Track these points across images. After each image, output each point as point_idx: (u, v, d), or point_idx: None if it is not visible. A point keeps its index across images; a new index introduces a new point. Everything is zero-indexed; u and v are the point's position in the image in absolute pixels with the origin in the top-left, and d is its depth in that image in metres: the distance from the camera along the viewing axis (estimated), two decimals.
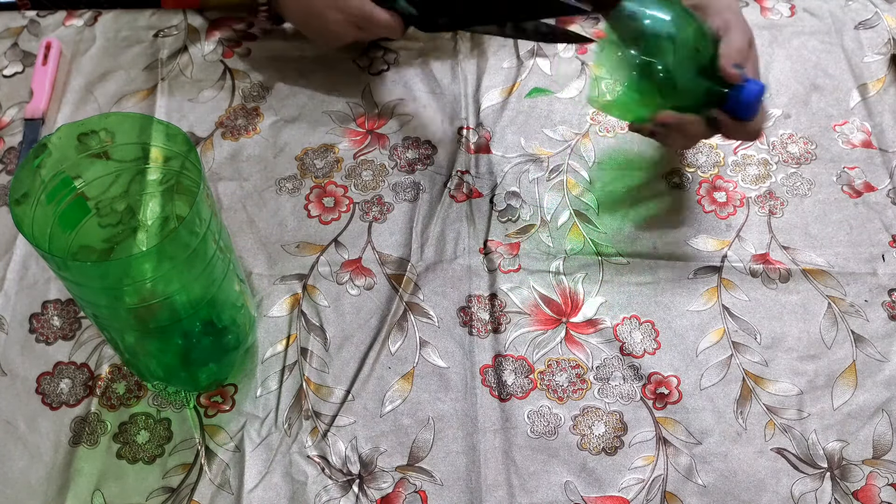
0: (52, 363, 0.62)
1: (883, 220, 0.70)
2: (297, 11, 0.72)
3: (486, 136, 0.75)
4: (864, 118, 0.76)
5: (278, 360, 0.62)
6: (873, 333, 0.64)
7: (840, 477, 0.58)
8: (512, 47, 0.81)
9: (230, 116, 0.76)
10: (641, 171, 0.73)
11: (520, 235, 0.69)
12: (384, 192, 0.71)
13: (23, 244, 0.67)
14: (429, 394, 0.61)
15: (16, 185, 0.47)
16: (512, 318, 0.64)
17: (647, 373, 0.62)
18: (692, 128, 0.62)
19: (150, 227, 0.57)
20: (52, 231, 0.49)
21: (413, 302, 0.65)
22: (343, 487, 0.57)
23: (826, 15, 0.84)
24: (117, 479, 0.57)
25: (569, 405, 0.61)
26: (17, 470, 0.58)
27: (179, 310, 0.52)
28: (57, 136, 0.49)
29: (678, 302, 0.65)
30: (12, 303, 0.65)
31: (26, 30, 0.82)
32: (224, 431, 0.59)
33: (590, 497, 0.57)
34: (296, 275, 0.66)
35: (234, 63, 0.80)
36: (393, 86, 0.78)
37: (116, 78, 0.78)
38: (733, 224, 0.70)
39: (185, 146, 0.50)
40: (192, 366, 0.59)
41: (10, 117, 0.76)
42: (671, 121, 0.62)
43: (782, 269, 0.67)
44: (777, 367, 0.62)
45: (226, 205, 0.70)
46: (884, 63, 0.80)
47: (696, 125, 0.62)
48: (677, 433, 0.59)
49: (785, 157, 0.74)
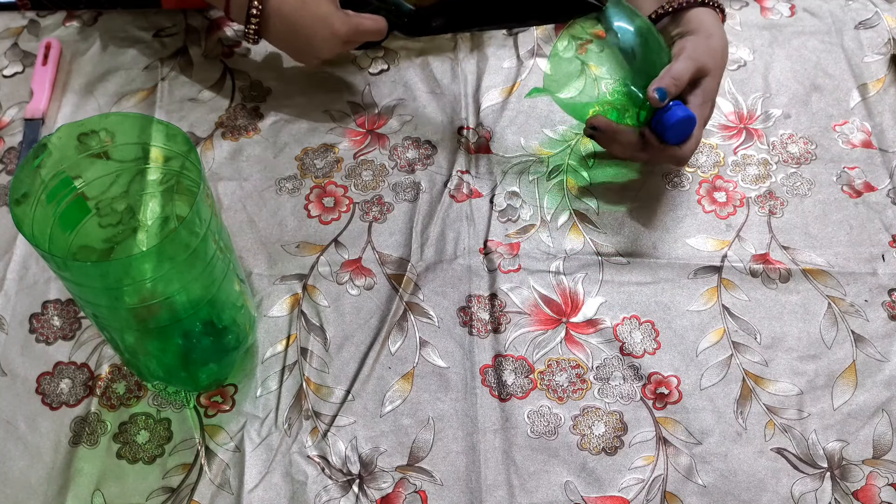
0: (52, 363, 0.62)
1: (883, 220, 0.70)
2: (281, 31, 0.71)
3: (486, 135, 0.75)
4: (864, 118, 0.76)
5: (278, 360, 0.62)
6: (873, 333, 0.64)
7: (840, 477, 0.58)
8: (512, 47, 0.81)
9: (230, 116, 0.76)
10: (641, 171, 0.73)
11: (520, 235, 0.69)
12: (384, 192, 0.71)
13: (23, 244, 0.67)
14: (429, 394, 0.61)
15: (16, 185, 0.47)
16: (512, 318, 0.64)
17: (647, 373, 0.62)
18: (622, 136, 0.65)
19: (150, 227, 0.57)
20: (52, 231, 0.49)
21: (413, 302, 0.65)
22: (343, 487, 0.57)
23: (826, 15, 0.84)
24: (117, 479, 0.57)
25: (569, 405, 0.61)
26: (17, 470, 0.58)
27: (179, 310, 0.52)
28: (57, 136, 0.49)
29: (678, 302, 0.65)
30: (12, 303, 0.65)
31: (26, 30, 0.82)
32: (224, 431, 0.59)
33: (590, 497, 0.57)
34: (296, 275, 0.66)
35: (234, 63, 0.80)
36: (393, 86, 0.78)
37: (116, 78, 0.78)
38: (733, 224, 0.70)
39: (185, 146, 0.50)
40: (192, 366, 0.59)
41: (10, 117, 0.76)
42: (601, 125, 0.65)
43: (782, 269, 0.67)
44: (777, 367, 0.62)
45: (226, 205, 0.70)
46: (884, 63, 0.80)
47: (627, 134, 0.65)
48: (677, 433, 0.59)
49: (785, 157, 0.74)
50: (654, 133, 0.64)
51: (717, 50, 0.66)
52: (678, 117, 0.62)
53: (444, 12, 0.71)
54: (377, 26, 0.72)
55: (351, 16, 0.71)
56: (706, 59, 0.64)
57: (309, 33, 0.70)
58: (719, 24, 0.68)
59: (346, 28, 0.70)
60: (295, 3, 0.69)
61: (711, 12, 0.68)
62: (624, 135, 0.65)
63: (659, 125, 0.63)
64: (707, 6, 0.68)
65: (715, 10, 0.68)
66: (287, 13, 0.69)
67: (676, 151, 0.64)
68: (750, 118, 0.76)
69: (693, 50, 0.64)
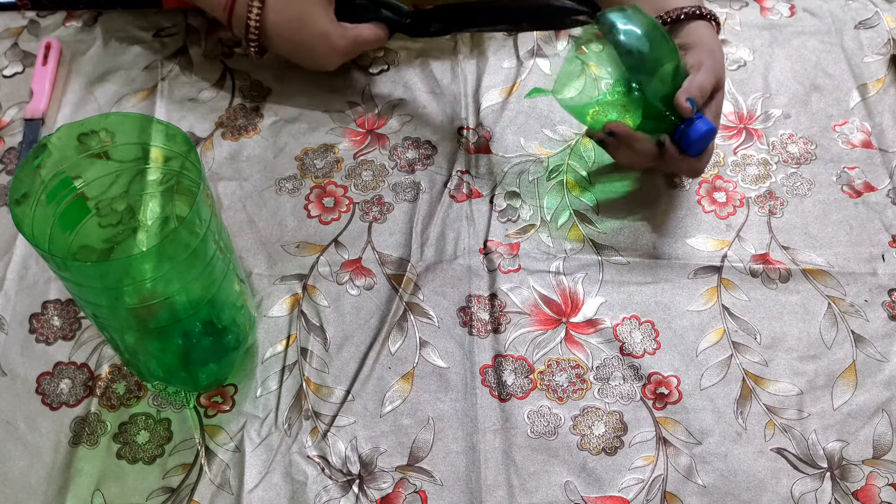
0: (52, 363, 0.62)
1: (883, 220, 0.70)
2: (282, 48, 0.73)
3: (486, 136, 0.75)
4: (863, 118, 0.76)
5: (278, 360, 0.62)
6: (873, 333, 0.64)
7: (840, 477, 0.58)
8: (512, 47, 0.81)
9: (230, 116, 0.76)
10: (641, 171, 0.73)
11: (520, 235, 0.69)
12: (384, 192, 0.71)
13: (23, 244, 0.67)
14: (429, 394, 0.61)
15: (16, 185, 0.47)
16: (512, 318, 0.64)
17: (647, 373, 0.62)
18: (639, 144, 0.64)
19: (150, 227, 0.57)
20: (52, 231, 0.49)
21: (413, 302, 0.65)
22: (343, 487, 0.57)
23: (826, 15, 0.84)
24: (117, 479, 0.57)
25: (569, 405, 0.61)
26: (17, 470, 0.58)
27: (179, 310, 0.52)
28: (57, 136, 0.49)
29: (678, 302, 0.65)
30: (12, 303, 0.65)
31: (26, 30, 0.82)
32: (224, 431, 0.59)
33: (590, 497, 0.57)
34: (296, 275, 0.66)
35: (234, 63, 0.80)
36: (393, 86, 0.78)
37: (116, 78, 0.78)
38: (733, 224, 0.70)
39: (185, 146, 0.50)
40: (192, 366, 0.59)
41: (10, 117, 0.76)
42: (621, 132, 0.64)
43: (782, 269, 0.67)
44: (777, 367, 0.62)
45: (226, 205, 0.70)
46: (884, 63, 0.80)
47: (644, 143, 0.64)
48: (677, 433, 0.59)
49: (785, 157, 0.74)
50: (676, 144, 0.63)
51: (722, 65, 0.66)
52: (703, 131, 0.61)
53: (441, 17, 0.71)
54: (376, 35, 0.72)
55: (349, 28, 0.72)
56: (721, 74, 0.65)
57: (309, 50, 0.72)
58: (717, 37, 0.68)
59: (345, 42, 0.71)
60: (292, 22, 0.70)
61: (709, 25, 0.68)
62: (641, 143, 0.64)
63: (683, 138, 0.62)
64: (704, 19, 0.67)
65: (711, 22, 0.68)
66: (286, 33, 0.71)
67: (694, 163, 0.64)
68: (750, 118, 0.76)
69: (712, 62, 0.64)
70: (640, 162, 0.67)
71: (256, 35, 0.71)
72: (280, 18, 0.70)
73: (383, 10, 0.72)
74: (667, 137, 0.64)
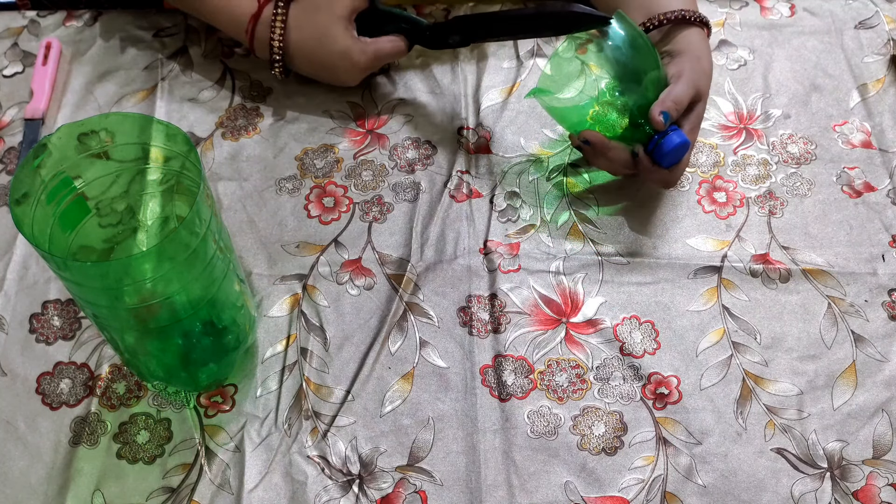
0: (52, 363, 0.62)
1: (883, 220, 0.70)
2: (305, 67, 0.74)
3: (486, 136, 0.75)
4: (863, 118, 0.76)
5: (278, 360, 0.62)
6: (873, 333, 0.64)
7: (840, 477, 0.58)
8: (512, 47, 0.81)
9: (230, 116, 0.76)
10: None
11: (520, 235, 0.69)
12: (384, 192, 0.71)
13: (23, 244, 0.67)
14: (429, 394, 0.61)
15: (16, 185, 0.47)
16: (512, 319, 0.64)
17: (647, 373, 0.62)
18: (613, 153, 0.65)
19: (150, 227, 0.57)
20: (52, 231, 0.49)
21: (413, 302, 0.65)
22: (343, 487, 0.57)
23: (826, 15, 0.84)
24: (117, 479, 0.57)
25: (569, 405, 0.61)
26: (17, 470, 0.58)
27: (179, 310, 0.52)
28: (57, 136, 0.49)
29: (678, 302, 0.65)
30: (12, 303, 0.65)
31: (26, 30, 0.82)
32: (224, 431, 0.59)
33: (590, 497, 0.57)
34: (296, 275, 0.66)
35: (235, 63, 0.80)
36: (393, 86, 0.78)
37: (116, 78, 0.78)
38: (733, 224, 0.70)
39: (185, 146, 0.50)
40: (192, 366, 0.59)
41: (10, 117, 0.76)
42: (595, 140, 0.65)
43: (782, 269, 0.67)
44: (777, 367, 0.62)
45: (226, 205, 0.70)
46: (884, 63, 0.80)
47: (618, 152, 0.65)
48: (677, 433, 0.59)
49: (785, 158, 0.74)
50: (648, 155, 0.64)
51: (707, 74, 0.66)
52: (676, 143, 0.62)
53: (460, 28, 0.71)
54: (396, 48, 0.73)
55: (369, 43, 0.72)
56: (702, 84, 0.65)
57: (331, 68, 0.73)
58: (707, 43, 0.68)
59: (366, 58, 0.72)
60: (313, 42, 0.71)
61: (699, 31, 0.68)
62: (615, 152, 0.64)
63: (656, 149, 0.63)
64: (693, 24, 0.67)
65: (701, 27, 0.68)
66: (308, 51, 0.72)
67: (666, 175, 0.65)
68: (750, 118, 0.76)
69: (692, 73, 0.64)
70: (616, 170, 0.67)
71: (280, 56, 0.71)
72: (302, 37, 0.71)
73: (402, 24, 0.73)
74: (640, 148, 0.64)
